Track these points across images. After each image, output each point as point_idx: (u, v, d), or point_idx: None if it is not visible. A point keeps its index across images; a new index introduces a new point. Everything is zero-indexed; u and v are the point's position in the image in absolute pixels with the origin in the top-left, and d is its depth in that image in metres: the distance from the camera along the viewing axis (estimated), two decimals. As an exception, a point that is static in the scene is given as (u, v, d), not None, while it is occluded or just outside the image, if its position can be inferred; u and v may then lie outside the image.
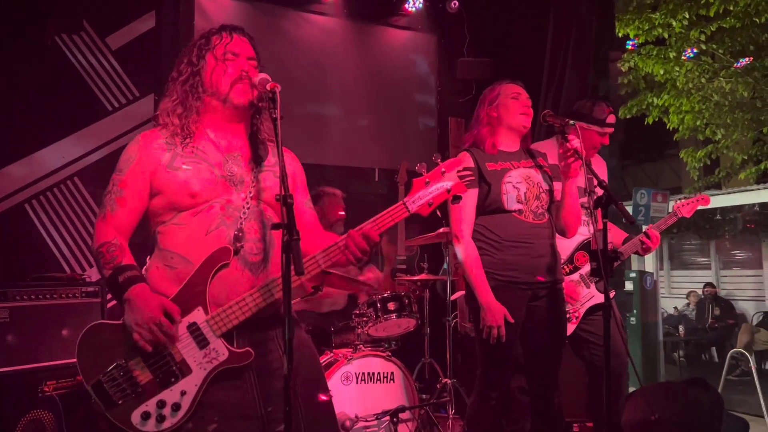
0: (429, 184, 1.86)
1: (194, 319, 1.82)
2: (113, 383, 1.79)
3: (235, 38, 1.98)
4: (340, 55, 5.21)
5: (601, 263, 2.26)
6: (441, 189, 1.86)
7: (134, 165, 1.90)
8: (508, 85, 2.76)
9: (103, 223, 1.89)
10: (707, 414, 3.63)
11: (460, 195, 1.88)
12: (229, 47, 1.96)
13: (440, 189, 1.86)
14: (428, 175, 1.88)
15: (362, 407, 3.35)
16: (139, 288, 1.79)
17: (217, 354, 1.82)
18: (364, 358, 3.45)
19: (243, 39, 2.00)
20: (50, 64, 4.04)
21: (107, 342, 1.82)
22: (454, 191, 1.86)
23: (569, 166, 2.55)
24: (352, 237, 1.83)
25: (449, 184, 1.85)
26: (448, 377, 3.92)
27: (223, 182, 1.89)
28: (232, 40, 1.97)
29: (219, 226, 1.85)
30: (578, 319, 3.10)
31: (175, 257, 1.85)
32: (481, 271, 2.63)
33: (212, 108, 1.96)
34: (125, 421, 1.78)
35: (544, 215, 2.71)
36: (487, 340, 2.60)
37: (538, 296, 2.69)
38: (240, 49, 1.97)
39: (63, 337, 3.51)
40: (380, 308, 3.63)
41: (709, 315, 10.02)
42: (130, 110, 4.28)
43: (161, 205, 1.89)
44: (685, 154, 8.65)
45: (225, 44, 1.96)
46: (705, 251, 12.42)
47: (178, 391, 1.79)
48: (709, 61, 7.73)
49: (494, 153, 2.71)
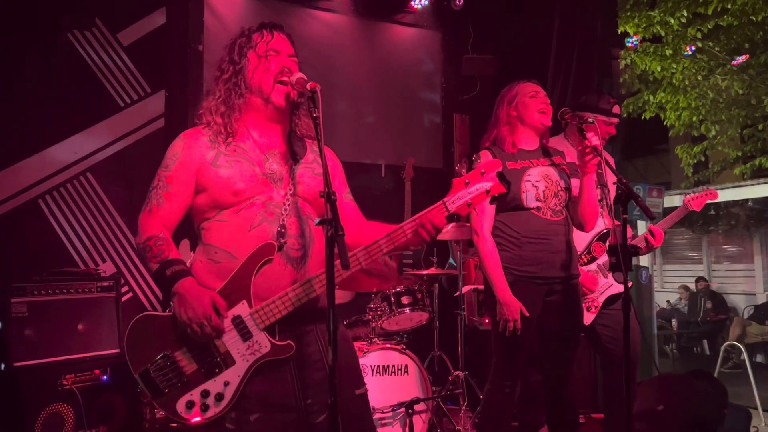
0: (469, 185, 1.89)
1: (239, 312, 1.86)
2: (160, 372, 1.84)
3: (276, 36, 2.01)
4: (346, 51, 5.25)
5: (621, 258, 2.33)
6: (481, 189, 1.89)
7: (180, 161, 1.93)
8: (526, 84, 2.82)
9: (149, 217, 1.92)
10: (712, 404, 3.72)
11: (497, 196, 1.91)
12: (270, 45, 1.99)
13: (480, 189, 1.89)
14: (468, 175, 1.90)
15: (378, 399, 3.41)
16: (187, 282, 1.83)
17: (259, 346, 1.86)
18: (379, 351, 3.52)
19: (283, 36, 2.03)
20: (62, 61, 4.08)
21: (154, 333, 1.87)
22: (493, 192, 1.89)
23: (588, 163, 2.61)
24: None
25: (489, 185, 1.88)
26: (460, 370, 3.99)
27: (264, 180, 1.93)
28: (273, 38, 2.00)
29: (261, 222, 1.89)
30: (598, 309, 3.16)
31: (219, 252, 1.90)
32: (499, 267, 2.70)
33: (254, 107, 1.99)
34: (171, 409, 1.83)
35: (562, 212, 2.77)
36: (503, 333, 2.67)
37: (554, 291, 2.76)
38: (281, 47, 2.01)
39: (79, 331, 3.55)
40: (394, 302, 3.70)
41: (702, 309, 10.16)
42: (142, 106, 4.32)
43: (205, 202, 1.93)
44: (681, 150, 8.76)
45: (267, 42, 1.99)
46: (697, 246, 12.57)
47: (222, 382, 1.84)
48: (705, 59, 7.82)
49: (514, 152, 2.77)
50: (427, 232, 1.87)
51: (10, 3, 3.85)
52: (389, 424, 3.48)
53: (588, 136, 2.60)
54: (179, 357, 1.85)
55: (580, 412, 4.31)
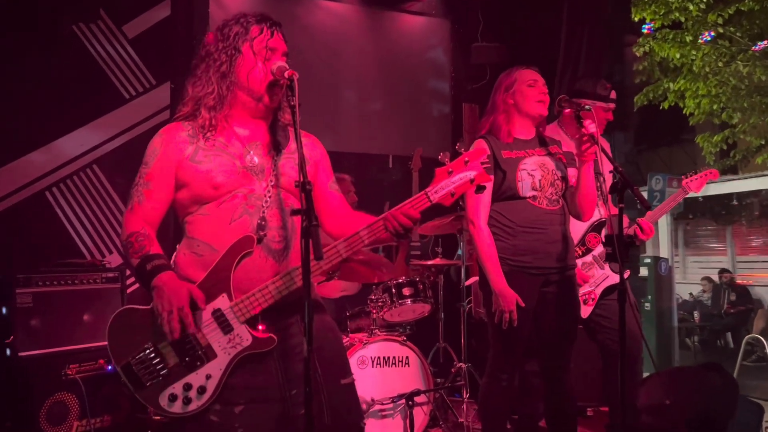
0: (452, 174, 1.84)
1: (219, 306, 1.86)
2: (142, 365, 1.84)
3: (276, 35, 1.96)
4: (354, 41, 5.22)
5: (617, 248, 2.27)
6: (464, 179, 1.84)
7: (159, 158, 1.92)
8: (525, 71, 2.76)
9: (131, 214, 1.93)
10: (722, 398, 3.64)
11: (483, 185, 1.86)
12: (269, 44, 1.94)
13: (463, 179, 1.84)
14: (451, 164, 1.85)
15: (378, 391, 3.40)
16: (166, 276, 1.83)
17: (241, 339, 1.86)
18: (379, 342, 3.50)
19: (279, 34, 1.98)
20: (68, 53, 4.11)
21: (136, 326, 1.87)
22: (478, 181, 1.84)
23: (585, 152, 2.56)
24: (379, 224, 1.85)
25: (473, 173, 1.83)
26: (463, 361, 3.96)
27: (244, 172, 1.92)
28: (273, 37, 1.95)
29: (242, 215, 1.89)
30: (594, 301, 3.11)
31: (201, 245, 1.90)
32: (495, 257, 2.66)
33: (242, 102, 1.95)
34: (153, 402, 1.83)
35: (558, 201, 2.72)
36: (499, 325, 2.64)
37: (550, 282, 2.72)
38: (277, 45, 1.96)
39: (84, 321, 3.59)
40: (395, 293, 3.67)
41: (725, 301, 9.98)
42: (147, 98, 4.34)
43: (186, 196, 1.93)
44: (701, 139, 8.55)
45: (266, 40, 1.94)
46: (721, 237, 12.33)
47: (204, 375, 1.84)
48: (726, 45, 7.61)
49: (510, 141, 2.72)
50: (393, 227, 1.84)
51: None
52: (390, 416, 3.47)
53: (585, 123, 2.54)
54: (161, 350, 1.84)
55: (588, 406, 4.27)
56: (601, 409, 4.25)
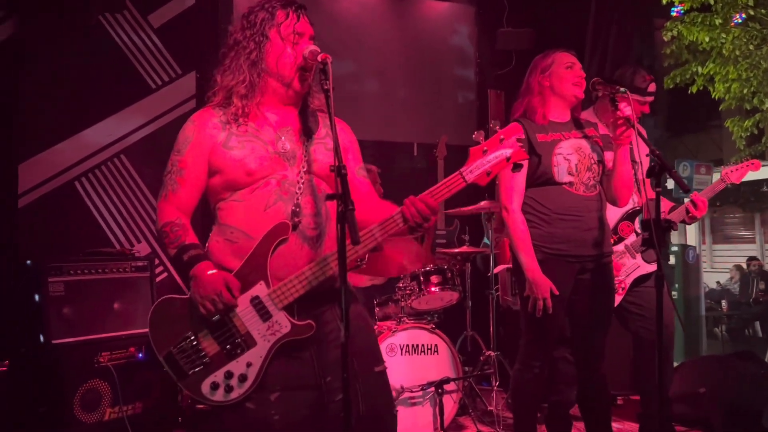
0: (487, 153, 1.79)
1: (257, 293, 1.86)
2: (183, 354, 1.85)
3: (302, 19, 1.95)
4: (377, 28, 5.17)
5: (654, 233, 2.22)
6: (500, 157, 1.78)
7: (192, 145, 1.92)
8: (562, 54, 2.69)
9: (165, 202, 1.94)
10: (757, 386, 3.58)
11: (520, 163, 1.80)
12: (297, 27, 1.93)
13: (499, 157, 1.78)
14: (486, 143, 1.80)
15: (407, 378, 3.39)
16: (203, 265, 1.84)
17: (280, 326, 1.86)
18: (408, 330, 3.48)
19: (305, 18, 1.97)
20: (94, 43, 4.12)
21: (177, 315, 1.88)
22: (514, 159, 1.79)
23: (621, 135, 2.50)
24: (410, 204, 1.80)
25: (509, 151, 1.78)
26: (492, 350, 3.93)
27: (277, 158, 1.91)
28: (299, 21, 1.94)
29: (277, 201, 1.88)
30: (624, 291, 3.07)
31: (235, 232, 1.89)
32: (529, 244, 2.61)
33: (272, 89, 1.95)
34: (196, 390, 1.85)
35: (596, 187, 2.66)
36: (532, 312, 2.60)
37: (586, 269, 2.67)
38: (304, 29, 1.95)
39: (114, 310, 3.63)
40: (423, 281, 3.65)
41: (754, 289, 9.81)
42: (173, 88, 4.34)
43: (219, 183, 1.92)
44: (731, 123, 8.35)
45: (293, 24, 1.93)
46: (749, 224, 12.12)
47: (244, 363, 1.84)
48: (757, 27, 7.41)
49: (545, 123, 2.67)
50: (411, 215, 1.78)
51: (43, -13, 3.91)
52: (419, 404, 3.46)
53: (620, 107, 2.49)
54: (201, 339, 1.86)
55: (619, 395, 4.22)
56: (632, 397, 4.20)
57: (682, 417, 3.61)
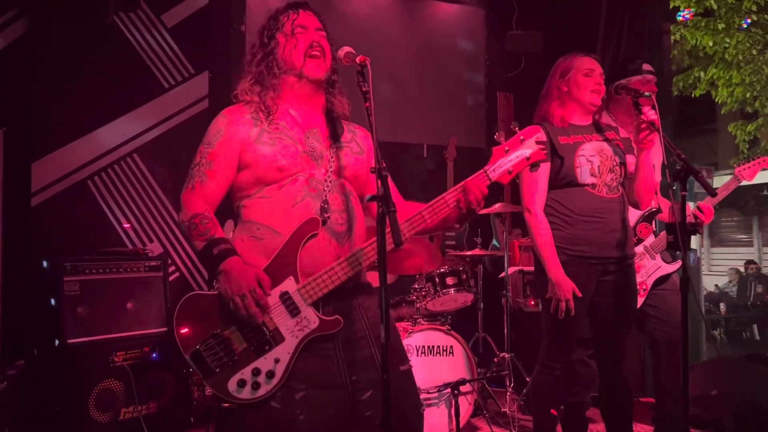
0: (509, 152, 1.87)
1: (286, 288, 1.85)
2: (210, 352, 1.83)
3: (301, 13, 2.01)
4: (387, 29, 5.18)
5: (680, 236, 2.24)
6: (521, 156, 1.86)
7: (223, 138, 1.92)
8: (583, 59, 2.70)
9: (193, 194, 1.90)
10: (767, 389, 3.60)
11: (538, 162, 1.87)
12: (297, 22, 1.99)
13: (520, 157, 1.86)
14: (507, 143, 1.87)
15: (423, 379, 3.39)
16: (234, 260, 1.82)
17: (308, 322, 1.85)
18: (424, 331, 3.49)
19: (309, 13, 2.03)
20: (109, 43, 4.12)
21: (203, 312, 1.86)
22: (533, 158, 1.86)
23: (644, 139, 2.51)
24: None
25: (528, 151, 1.85)
26: (506, 352, 3.94)
27: (305, 157, 1.92)
28: (299, 16, 2.00)
29: (305, 198, 1.88)
30: (647, 291, 3.08)
31: (262, 228, 1.89)
32: (552, 246, 2.62)
33: (289, 84, 1.98)
34: (222, 388, 1.82)
35: (618, 189, 2.67)
36: (554, 314, 2.60)
37: (609, 272, 2.67)
38: (307, 22, 2.00)
39: (128, 309, 3.62)
40: (438, 283, 3.66)
41: (752, 293, 9.86)
42: (186, 87, 4.35)
43: (249, 178, 1.92)
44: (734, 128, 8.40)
45: (292, 20, 1.99)
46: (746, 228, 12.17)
47: (272, 359, 1.83)
48: (761, 32, 7.46)
49: (565, 126, 2.68)
50: (474, 196, 1.84)
51: (58, -14, 3.91)
52: (435, 405, 3.46)
53: (644, 110, 2.49)
54: (229, 335, 1.84)
55: (631, 396, 4.24)
56: (642, 399, 4.22)
57: (694, 419, 3.62)
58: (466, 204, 1.86)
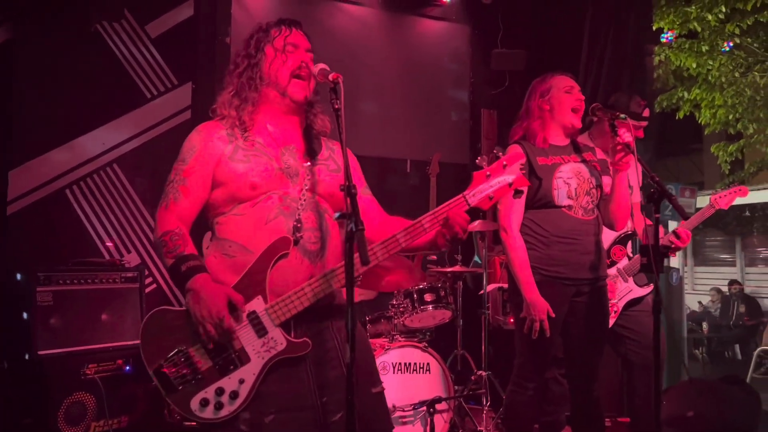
0: (490, 178, 1.83)
1: (254, 308, 1.83)
2: (174, 368, 1.80)
3: (294, 32, 1.99)
4: (373, 45, 5.19)
5: (652, 259, 2.24)
6: (503, 183, 1.82)
7: (197, 155, 1.91)
8: (561, 78, 2.73)
9: (166, 212, 1.89)
10: (744, 411, 3.61)
11: (521, 190, 1.84)
12: (289, 39, 1.97)
13: (502, 183, 1.82)
14: (489, 168, 1.84)
15: (399, 397, 3.37)
16: (202, 278, 1.80)
17: (275, 343, 1.83)
18: (401, 348, 3.47)
19: (301, 33, 2.01)
20: (91, 52, 4.09)
21: (170, 328, 1.83)
22: (516, 185, 1.83)
23: (620, 161, 2.53)
24: (417, 227, 1.84)
25: (511, 178, 1.82)
26: (483, 369, 3.93)
27: (280, 174, 1.91)
28: (291, 33, 1.99)
29: (278, 216, 1.87)
30: (617, 314, 3.10)
31: (233, 246, 1.87)
32: (527, 266, 2.63)
33: (269, 99, 1.97)
34: (184, 406, 1.80)
35: (593, 211, 2.70)
36: (528, 334, 2.61)
37: (582, 292, 2.69)
38: (299, 41, 1.99)
39: (103, 321, 3.57)
40: (417, 299, 3.65)
41: (734, 312, 9.91)
42: (169, 98, 4.32)
43: (222, 196, 1.90)
44: (716, 149, 8.53)
45: (285, 36, 1.97)
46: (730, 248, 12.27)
47: (237, 380, 1.81)
48: (743, 55, 7.59)
49: (545, 147, 2.70)
50: (460, 226, 1.81)
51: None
52: (410, 423, 3.44)
53: (620, 132, 2.52)
54: (194, 353, 1.81)
55: (606, 416, 4.23)
56: (619, 420, 4.21)
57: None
58: (451, 235, 1.83)
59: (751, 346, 8.91)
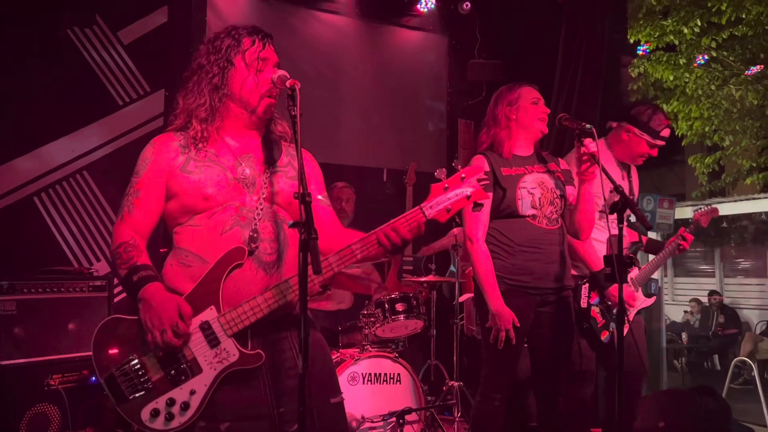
0: (448, 190, 1.81)
1: (206, 318, 1.80)
2: (125, 378, 1.78)
3: (267, 47, 1.95)
4: (350, 54, 5.20)
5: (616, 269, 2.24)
6: (460, 195, 1.81)
7: (149, 167, 1.89)
8: (528, 89, 2.75)
9: (121, 224, 1.90)
10: (715, 422, 3.62)
11: (481, 202, 1.83)
12: (262, 54, 1.93)
13: (459, 195, 1.81)
14: (447, 180, 1.82)
15: (369, 408, 3.34)
16: (153, 287, 1.78)
17: (227, 354, 1.80)
18: (371, 358, 3.44)
19: (271, 47, 1.97)
20: (62, 58, 4.05)
21: (122, 336, 1.81)
22: (474, 198, 1.81)
23: (585, 171, 2.53)
24: (371, 238, 1.81)
25: (469, 190, 1.80)
26: (455, 380, 3.91)
27: (236, 185, 1.89)
28: (264, 49, 1.94)
29: (234, 226, 1.85)
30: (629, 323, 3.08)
31: (190, 256, 1.85)
32: (492, 275, 2.62)
33: (234, 114, 1.94)
34: (135, 416, 1.77)
35: (558, 221, 2.70)
36: (494, 343, 2.60)
37: (547, 302, 2.69)
38: (270, 56, 1.95)
39: (69, 330, 3.51)
40: (388, 309, 3.62)
41: (714, 323, 9.97)
42: (141, 105, 4.28)
43: (176, 207, 1.89)
44: (693, 160, 8.62)
45: (258, 51, 1.93)
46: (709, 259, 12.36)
47: (188, 390, 1.78)
48: (719, 68, 7.69)
49: (509, 157, 2.70)
50: (390, 241, 1.79)
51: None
52: (379, 434, 3.41)
53: (585, 142, 2.53)
54: (146, 362, 1.79)
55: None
56: (592, 430, 4.20)
57: (642, 451, 3.62)
58: (390, 243, 1.80)
59: (730, 357, 8.97)
